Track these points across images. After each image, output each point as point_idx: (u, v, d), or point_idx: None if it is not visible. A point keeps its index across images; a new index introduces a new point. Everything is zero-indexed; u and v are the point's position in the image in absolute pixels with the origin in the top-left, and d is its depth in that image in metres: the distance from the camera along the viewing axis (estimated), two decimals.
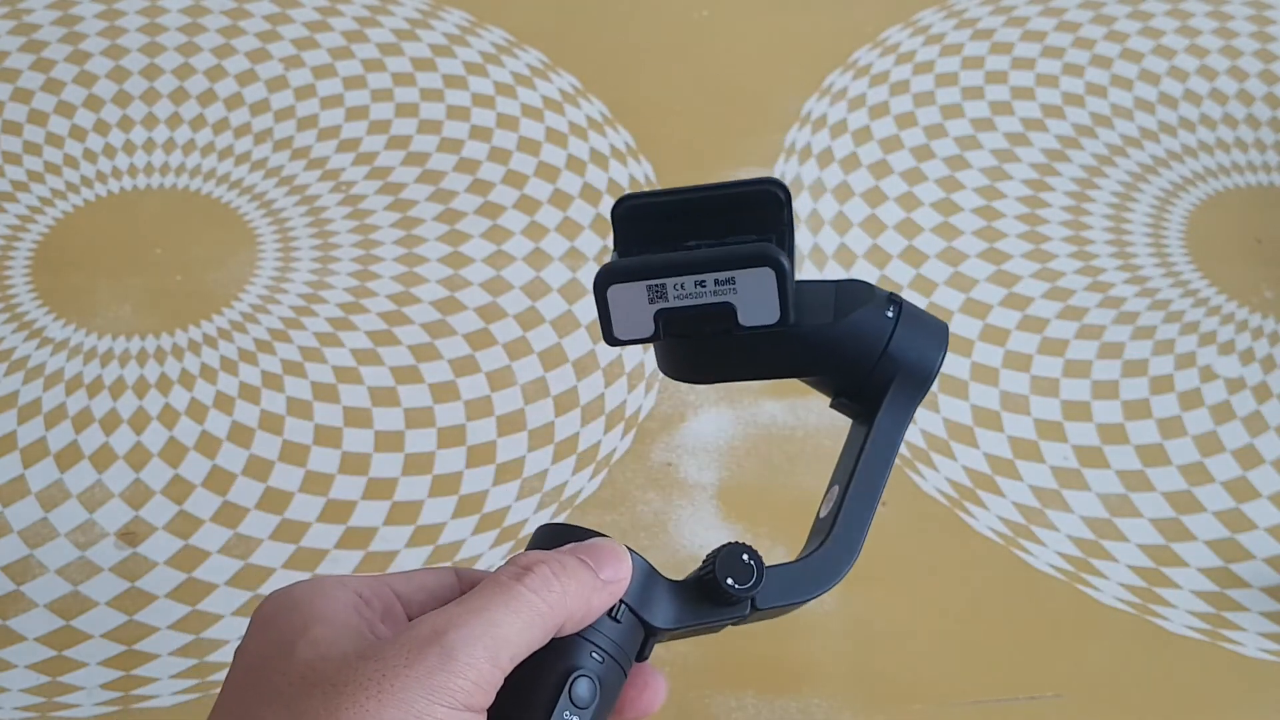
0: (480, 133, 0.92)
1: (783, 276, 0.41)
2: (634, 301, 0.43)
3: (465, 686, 0.37)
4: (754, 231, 0.43)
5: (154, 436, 0.75)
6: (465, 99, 0.94)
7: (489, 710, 0.38)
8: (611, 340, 0.44)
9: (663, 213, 0.44)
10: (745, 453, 0.76)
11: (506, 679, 0.39)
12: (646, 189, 0.46)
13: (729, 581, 0.43)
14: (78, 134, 0.90)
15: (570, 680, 0.40)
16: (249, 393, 0.77)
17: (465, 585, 0.44)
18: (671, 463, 0.76)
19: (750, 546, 0.44)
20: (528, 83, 0.95)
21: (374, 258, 0.84)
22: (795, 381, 0.80)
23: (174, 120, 0.92)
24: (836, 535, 0.46)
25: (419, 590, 0.43)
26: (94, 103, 0.92)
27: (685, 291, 0.42)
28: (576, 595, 0.40)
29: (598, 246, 0.85)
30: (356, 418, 0.77)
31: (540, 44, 0.98)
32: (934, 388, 0.80)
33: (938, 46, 0.99)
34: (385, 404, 0.77)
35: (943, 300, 0.83)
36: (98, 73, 0.94)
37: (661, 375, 0.79)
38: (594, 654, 0.41)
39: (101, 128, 0.91)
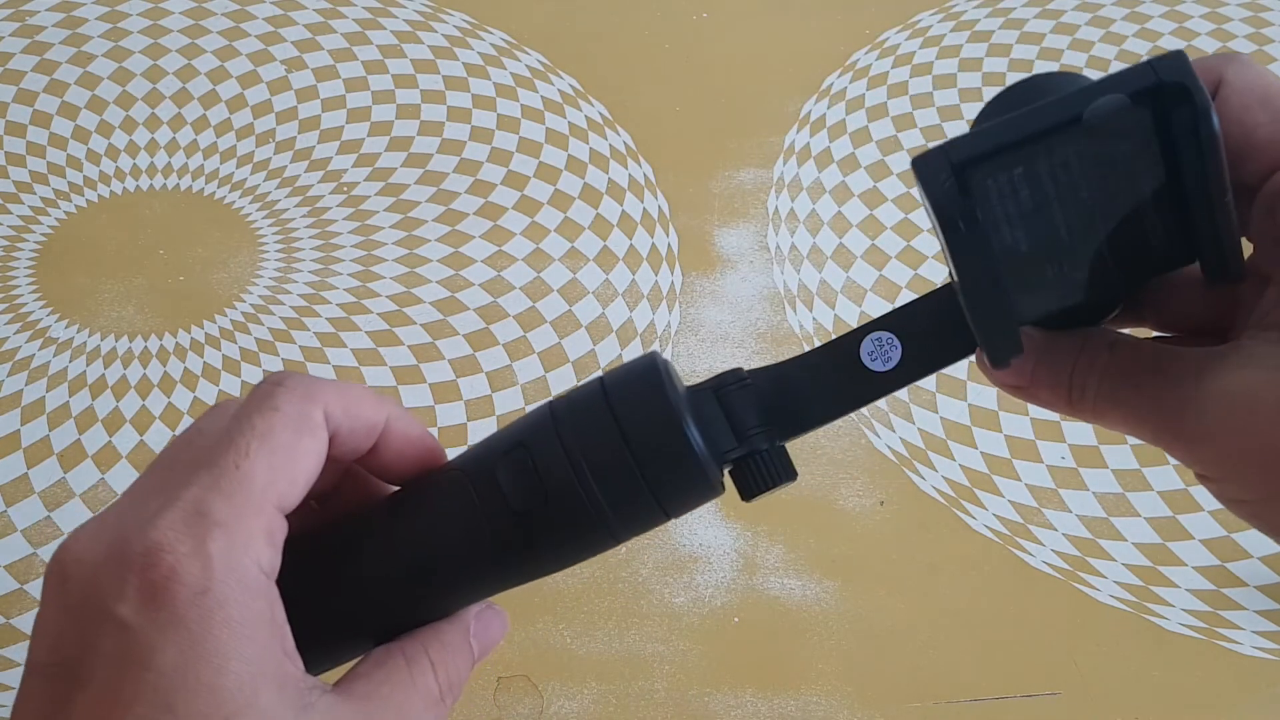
0: (481, 134, 0.92)
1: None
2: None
3: None
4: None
5: (157, 436, 0.75)
6: (466, 101, 0.94)
7: None
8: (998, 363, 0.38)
9: None
10: None
11: None
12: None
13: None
14: (81, 135, 0.91)
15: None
16: None
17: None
18: None
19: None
20: (528, 84, 0.95)
21: (375, 258, 0.85)
22: None
23: (177, 121, 0.92)
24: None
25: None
26: (97, 104, 0.93)
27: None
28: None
29: (598, 247, 0.86)
30: None
31: (540, 46, 0.98)
32: (935, 380, 0.81)
33: (936, 49, 0.99)
34: None
35: None
36: (101, 74, 0.94)
37: None
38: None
39: (105, 129, 0.91)
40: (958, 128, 0.94)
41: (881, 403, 0.79)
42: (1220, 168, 0.32)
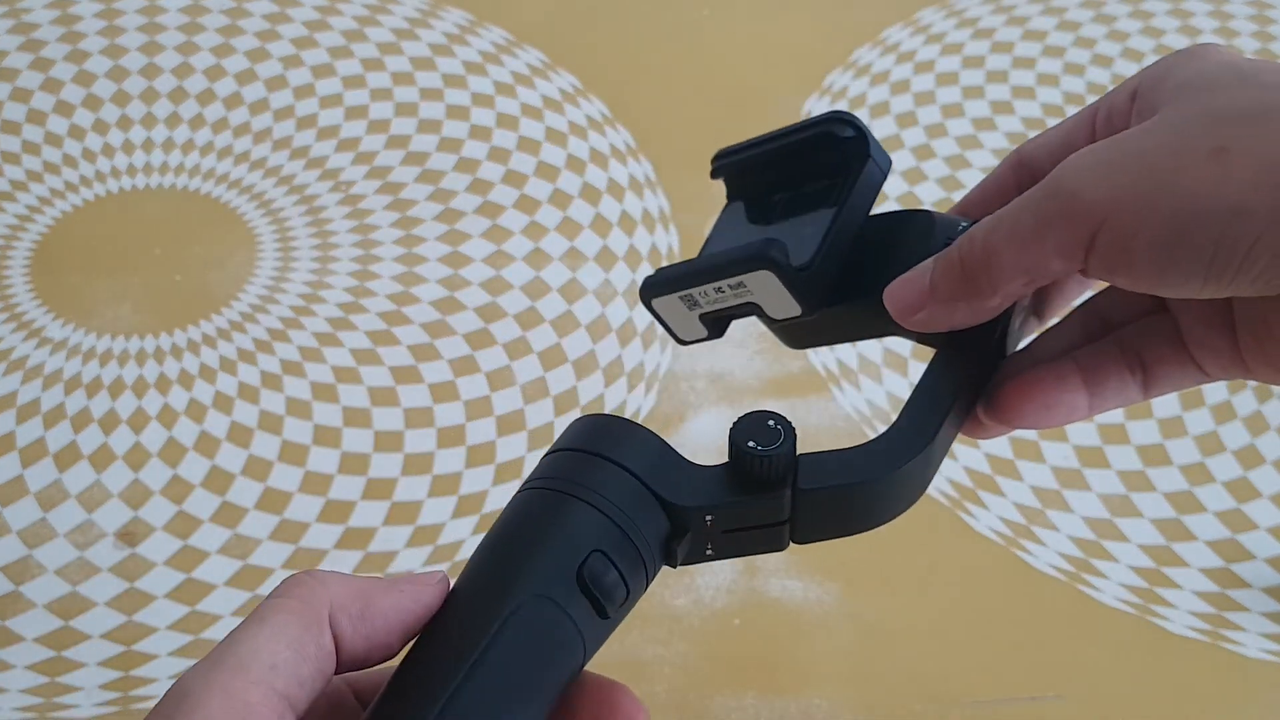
0: (480, 132, 0.92)
1: (784, 274, 0.39)
2: (678, 309, 0.42)
3: None
4: (825, 175, 0.40)
5: (153, 436, 0.75)
6: (465, 98, 0.94)
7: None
8: (681, 343, 0.43)
9: (748, 167, 0.43)
10: None
11: None
12: (738, 143, 0.43)
13: (750, 444, 0.37)
14: (76, 133, 0.90)
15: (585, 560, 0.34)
16: (248, 393, 0.77)
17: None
18: None
19: (780, 414, 0.38)
20: (527, 82, 0.95)
21: (373, 257, 0.84)
22: (795, 382, 0.80)
23: (173, 120, 0.92)
24: (900, 425, 0.40)
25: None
26: (93, 102, 0.92)
27: (711, 298, 0.41)
28: (341, 585, 0.34)
29: (597, 246, 0.85)
30: (356, 418, 0.76)
31: (540, 43, 0.98)
32: None
33: (938, 45, 0.99)
34: (385, 404, 0.77)
35: None
36: (96, 72, 0.94)
37: (661, 375, 0.79)
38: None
39: (100, 127, 0.91)
40: (960, 125, 0.93)
41: (883, 403, 0.78)
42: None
